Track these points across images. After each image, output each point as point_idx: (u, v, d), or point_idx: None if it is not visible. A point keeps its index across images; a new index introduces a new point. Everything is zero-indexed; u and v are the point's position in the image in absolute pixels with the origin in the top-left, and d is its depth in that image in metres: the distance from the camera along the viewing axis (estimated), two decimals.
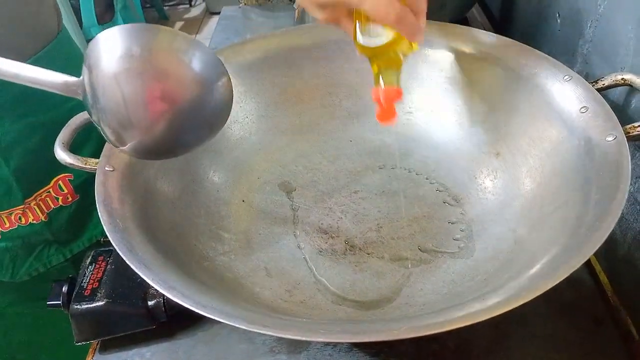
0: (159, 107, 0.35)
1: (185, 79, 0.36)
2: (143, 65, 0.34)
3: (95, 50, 0.34)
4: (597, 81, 0.48)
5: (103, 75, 0.34)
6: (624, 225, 0.51)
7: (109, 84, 0.34)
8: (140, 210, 0.45)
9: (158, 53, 0.35)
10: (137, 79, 0.34)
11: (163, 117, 0.36)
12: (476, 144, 0.57)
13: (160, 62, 0.35)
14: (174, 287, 0.36)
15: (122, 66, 0.34)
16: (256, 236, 0.53)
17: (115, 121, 0.36)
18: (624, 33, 0.49)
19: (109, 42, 0.34)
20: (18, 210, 0.60)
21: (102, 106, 0.35)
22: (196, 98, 0.36)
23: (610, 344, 0.47)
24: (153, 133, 0.36)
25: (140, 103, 0.35)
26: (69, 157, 0.47)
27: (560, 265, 0.34)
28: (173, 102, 0.36)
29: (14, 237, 0.61)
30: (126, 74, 0.34)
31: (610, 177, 0.40)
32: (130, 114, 0.35)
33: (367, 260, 0.50)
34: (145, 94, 0.35)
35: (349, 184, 0.58)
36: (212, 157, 0.57)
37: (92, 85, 0.34)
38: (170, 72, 0.35)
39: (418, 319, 0.36)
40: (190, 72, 0.36)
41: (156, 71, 0.35)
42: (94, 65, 0.34)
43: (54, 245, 0.65)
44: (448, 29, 0.59)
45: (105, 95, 0.34)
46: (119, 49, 0.34)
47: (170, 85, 0.35)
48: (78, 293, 0.48)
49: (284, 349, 0.48)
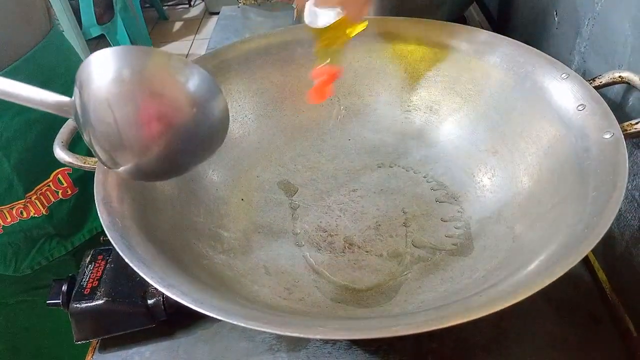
0: (152, 130, 0.34)
1: (178, 101, 0.35)
2: (135, 89, 0.33)
3: (87, 72, 0.33)
4: (595, 79, 0.48)
5: (94, 98, 0.33)
6: (622, 223, 0.51)
7: (100, 107, 0.33)
8: (139, 209, 0.45)
9: (150, 75, 0.34)
10: (129, 102, 0.33)
11: (156, 140, 0.35)
12: (474, 142, 0.57)
13: (152, 84, 0.34)
14: (173, 285, 0.36)
15: (113, 90, 0.33)
16: (255, 235, 0.53)
17: (107, 144, 0.35)
18: (622, 31, 0.49)
19: (100, 64, 0.33)
20: (19, 205, 0.60)
21: (94, 128, 0.34)
22: (190, 120, 0.35)
23: (609, 341, 0.47)
24: (146, 156, 0.36)
25: (132, 127, 0.34)
26: (68, 156, 0.47)
27: (558, 263, 0.35)
28: (166, 125, 0.34)
29: (16, 231, 0.62)
30: (117, 98, 0.33)
31: (607, 175, 0.40)
32: (123, 138, 0.34)
33: (365, 258, 0.50)
34: (138, 118, 0.34)
35: (347, 183, 0.59)
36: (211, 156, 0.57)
37: (83, 107, 0.34)
38: (163, 95, 0.34)
39: (416, 315, 0.36)
40: (183, 93, 0.35)
41: (148, 94, 0.34)
42: (85, 87, 0.33)
43: (55, 238, 0.66)
44: (446, 28, 0.60)
45: (97, 118, 0.34)
46: (111, 72, 0.33)
47: (163, 108, 0.34)
48: (78, 292, 0.48)
49: (283, 347, 0.48)
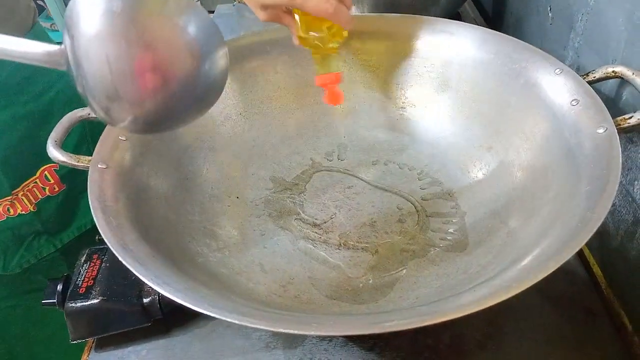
0: (148, 74, 0.31)
1: (178, 45, 0.32)
2: (128, 25, 0.30)
3: (75, 11, 0.30)
4: (589, 74, 0.48)
5: (84, 38, 0.30)
6: (617, 217, 0.51)
7: (92, 48, 0.30)
8: (133, 208, 0.45)
9: (146, 10, 0.31)
10: (122, 39, 0.30)
11: (153, 86, 0.32)
12: (469, 138, 0.57)
13: (149, 22, 0.31)
14: (168, 283, 0.36)
15: (104, 25, 0.30)
16: (250, 232, 0.53)
17: (101, 91, 0.31)
18: (615, 26, 0.49)
19: (89, 0, 0.30)
20: (6, 202, 0.60)
21: (87, 74, 0.31)
22: (190, 66, 0.32)
23: (604, 336, 0.48)
24: (143, 104, 0.32)
25: (127, 68, 0.30)
26: (61, 155, 0.47)
27: (552, 257, 0.35)
28: (164, 70, 0.32)
29: (4, 228, 0.62)
30: (109, 34, 0.30)
31: (601, 169, 0.40)
32: (117, 82, 0.31)
33: (361, 255, 0.50)
34: (133, 58, 0.30)
35: (342, 180, 0.59)
36: (206, 154, 0.57)
37: (74, 51, 0.30)
38: (160, 35, 0.31)
39: (411, 311, 0.36)
40: (183, 37, 0.32)
41: (144, 32, 0.30)
42: (73, 29, 0.30)
43: (43, 235, 0.65)
44: (440, 25, 0.60)
45: (89, 61, 0.30)
46: (100, 6, 0.30)
47: (160, 51, 0.31)
48: (73, 291, 0.48)
49: (279, 344, 0.48)
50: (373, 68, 0.63)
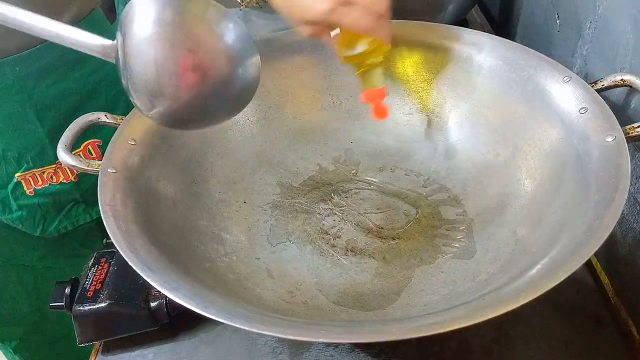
0: (188, 75, 0.35)
1: (217, 50, 0.36)
2: (175, 32, 0.34)
3: (130, 15, 0.34)
4: (597, 82, 0.48)
5: (136, 39, 0.34)
6: (625, 226, 0.51)
7: (141, 48, 0.34)
8: (142, 212, 0.45)
9: (192, 20, 0.35)
10: (169, 44, 0.34)
11: (190, 85, 0.36)
12: (476, 145, 0.57)
13: (193, 30, 0.35)
14: (176, 288, 0.36)
15: (154, 31, 0.34)
16: (258, 237, 0.53)
17: (144, 87, 0.36)
18: (623, 34, 0.49)
19: (142, 7, 0.34)
20: (50, 169, 0.63)
21: (133, 70, 0.35)
22: (225, 68, 0.37)
23: (611, 344, 0.47)
24: (179, 101, 0.36)
25: (171, 69, 0.35)
26: (71, 159, 0.47)
27: (561, 266, 0.35)
28: (201, 71, 0.36)
29: (46, 194, 0.65)
30: (158, 39, 0.34)
31: (609, 178, 0.40)
32: (160, 80, 0.35)
33: (368, 261, 0.50)
34: (177, 60, 0.35)
35: (350, 186, 0.59)
36: (214, 160, 0.57)
37: (125, 49, 0.35)
38: (202, 42, 0.35)
39: (419, 319, 0.36)
40: (222, 44, 0.36)
41: (188, 39, 0.35)
42: (127, 29, 0.34)
43: (81, 205, 0.69)
44: (448, 31, 0.60)
45: (137, 60, 0.35)
46: (152, 14, 0.34)
47: (201, 55, 0.35)
48: (81, 294, 0.48)
49: (285, 350, 0.48)
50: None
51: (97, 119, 0.52)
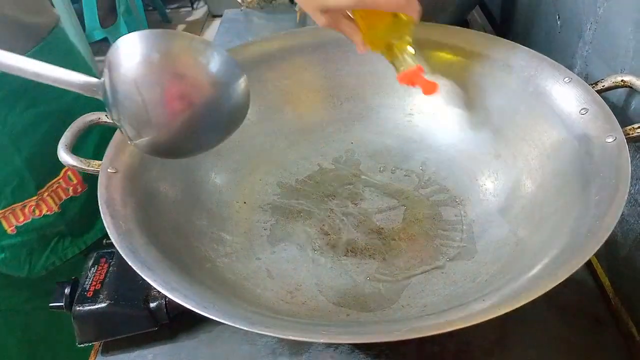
0: (178, 109, 0.37)
1: (202, 81, 0.38)
2: (161, 71, 0.36)
3: (116, 55, 0.36)
4: (597, 83, 0.48)
5: (123, 80, 0.36)
6: (625, 227, 0.51)
7: (129, 88, 0.36)
8: (142, 212, 0.45)
9: (176, 58, 0.37)
10: (156, 84, 0.36)
11: (181, 118, 0.37)
12: (477, 145, 0.57)
13: (178, 66, 0.37)
14: (176, 288, 0.36)
15: (141, 72, 0.36)
16: (258, 238, 0.53)
17: (134, 121, 0.38)
18: (624, 35, 0.49)
19: (128, 47, 0.36)
20: (32, 202, 0.60)
21: (122, 107, 0.37)
22: (213, 99, 0.38)
23: (612, 345, 0.47)
24: (171, 133, 0.38)
25: (159, 106, 0.37)
26: (72, 159, 0.47)
27: (561, 267, 0.35)
28: (191, 104, 0.37)
29: (29, 230, 0.62)
30: (145, 80, 0.36)
31: (610, 179, 0.40)
32: (150, 116, 0.37)
33: (368, 262, 0.50)
34: (164, 98, 0.37)
35: (350, 186, 0.59)
36: (214, 160, 0.57)
37: (113, 87, 0.36)
38: (187, 76, 0.37)
39: (419, 320, 0.36)
40: (207, 75, 0.38)
41: (174, 76, 0.37)
42: (114, 69, 0.36)
43: (68, 237, 0.66)
44: (449, 32, 0.60)
45: (126, 98, 0.36)
46: (138, 55, 0.36)
47: (187, 88, 0.37)
48: (80, 295, 0.48)
49: (285, 350, 0.48)
50: (381, 74, 0.63)
51: (98, 119, 0.52)
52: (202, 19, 3.03)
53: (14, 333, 0.70)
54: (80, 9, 2.16)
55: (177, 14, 3.12)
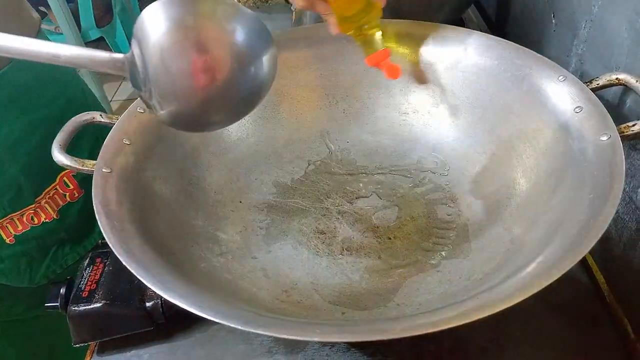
0: (204, 80, 0.36)
1: (229, 51, 0.37)
2: (188, 39, 0.36)
3: (143, 27, 0.35)
4: (592, 81, 0.49)
5: (152, 52, 0.35)
6: (620, 225, 0.51)
7: (158, 60, 0.35)
8: (137, 212, 0.45)
9: (202, 25, 0.36)
10: (183, 52, 0.36)
11: (207, 90, 0.37)
12: (471, 144, 0.57)
13: (204, 35, 0.36)
14: (171, 288, 0.36)
15: (169, 40, 0.35)
16: (253, 237, 0.53)
17: (163, 93, 0.37)
18: (618, 33, 0.49)
19: (153, 17, 0.35)
20: (30, 210, 0.60)
21: (151, 78, 0.36)
22: (240, 71, 0.37)
23: (607, 343, 0.48)
24: (197, 105, 0.37)
25: (186, 76, 0.36)
26: (66, 159, 0.47)
27: (555, 265, 0.35)
28: (218, 74, 0.37)
29: (28, 238, 0.61)
30: (173, 47, 0.35)
31: (604, 177, 0.40)
32: (177, 87, 0.36)
33: (363, 261, 0.50)
34: (191, 69, 0.36)
35: (346, 185, 0.59)
36: (209, 159, 0.57)
37: (143, 59, 0.35)
38: (214, 46, 0.36)
39: (413, 318, 0.36)
40: (234, 44, 0.37)
41: (200, 45, 0.36)
42: (143, 42, 0.35)
43: (67, 244, 0.65)
44: (443, 30, 0.60)
45: (154, 68, 0.35)
46: (164, 23, 0.35)
47: (215, 57, 0.36)
48: (76, 295, 0.48)
49: (281, 349, 0.48)
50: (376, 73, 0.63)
51: (92, 119, 0.52)
52: None
53: (15, 344, 0.70)
54: (76, 9, 2.15)
55: None
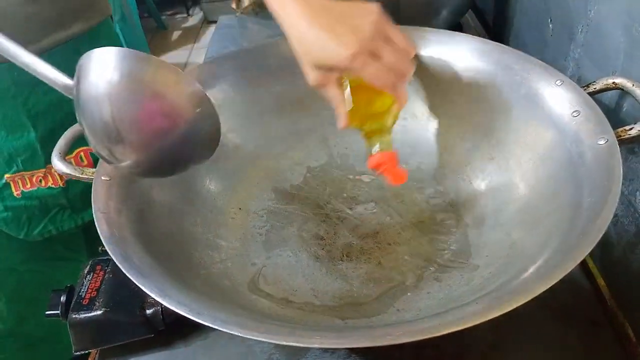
0: (133, 135, 0.38)
1: (165, 107, 0.38)
2: (128, 92, 0.37)
3: (86, 66, 0.37)
4: (589, 85, 0.49)
5: (88, 93, 0.37)
6: (619, 228, 0.51)
7: (91, 103, 0.37)
8: (136, 220, 0.45)
9: (145, 80, 0.37)
10: (125, 103, 0.37)
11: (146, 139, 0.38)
12: (470, 149, 0.57)
13: (146, 89, 0.37)
14: (171, 295, 0.36)
15: (105, 90, 0.36)
16: (253, 243, 0.53)
17: (94, 136, 0.39)
18: (615, 37, 0.50)
19: (100, 62, 0.36)
20: (40, 173, 0.64)
21: (86, 119, 0.38)
22: (179, 124, 0.39)
23: (608, 346, 0.48)
24: (132, 152, 0.39)
25: (112, 124, 0.37)
26: (65, 167, 0.48)
27: (554, 268, 0.35)
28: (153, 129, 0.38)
29: (33, 197, 0.66)
30: (107, 99, 0.36)
31: (602, 180, 0.40)
32: (104, 132, 0.38)
33: (363, 266, 0.50)
34: (127, 118, 0.37)
35: (345, 191, 0.59)
36: (208, 166, 0.57)
37: (79, 96, 0.37)
38: (156, 99, 0.38)
39: (414, 323, 0.36)
40: (173, 99, 0.38)
41: (144, 97, 0.37)
42: (82, 80, 0.37)
43: (67, 210, 0.69)
44: (442, 36, 0.60)
45: (88, 111, 0.38)
46: (108, 73, 0.36)
47: (149, 114, 0.38)
48: (76, 302, 0.48)
49: (282, 356, 0.48)
50: None
51: None
52: (198, 25, 3.04)
53: (5, 290, 0.74)
54: None
55: (173, 21, 3.13)
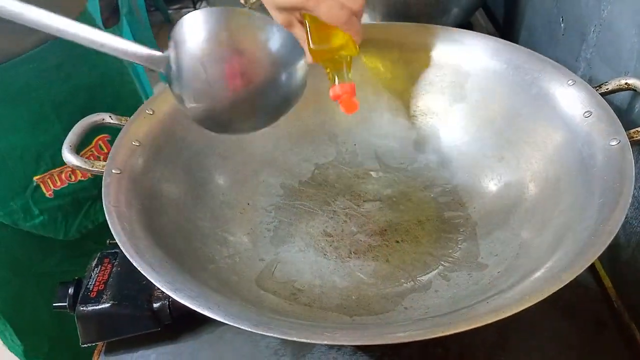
0: (238, 85, 0.38)
1: (262, 59, 0.38)
2: (224, 48, 0.37)
3: (181, 32, 0.37)
4: (601, 86, 0.48)
5: (189, 56, 0.37)
6: (629, 230, 0.51)
7: (193, 64, 0.37)
8: (146, 213, 0.45)
9: (238, 35, 0.38)
10: (219, 60, 0.37)
11: (240, 94, 0.38)
12: (480, 148, 0.57)
13: (239, 44, 0.38)
14: (181, 289, 0.36)
15: (205, 49, 0.37)
16: (261, 239, 0.53)
17: (196, 94, 0.39)
18: (628, 38, 0.49)
19: (193, 25, 0.37)
20: (68, 168, 0.63)
21: (186, 81, 0.38)
22: (272, 78, 0.39)
23: (614, 348, 0.47)
24: (229, 108, 0.39)
25: (220, 81, 0.38)
26: (76, 159, 0.48)
27: (564, 270, 0.35)
28: (250, 81, 0.38)
29: (65, 194, 0.65)
30: (209, 57, 0.37)
31: (613, 182, 0.40)
32: (211, 90, 0.38)
33: (371, 264, 0.50)
34: (225, 74, 0.38)
35: (353, 188, 0.59)
36: (217, 161, 0.58)
37: (178, 63, 0.37)
38: (248, 53, 0.38)
39: (422, 322, 0.36)
40: (267, 52, 0.38)
41: (235, 53, 0.38)
42: (180, 46, 0.37)
43: (98, 202, 0.67)
44: (452, 34, 0.60)
45: (190, 73, 0.37)
46: (202, 32, 0.37)
47: (248, 66, 0.38)
48: (84, 295, 0.48)
49: (288, 351, 0.48)
50: (385, 76, 0.63)
51: (102, 120, 0.52)
52: None
53: (44, 295, 0.72)
54: None
55: (180, 15, 3.12)
